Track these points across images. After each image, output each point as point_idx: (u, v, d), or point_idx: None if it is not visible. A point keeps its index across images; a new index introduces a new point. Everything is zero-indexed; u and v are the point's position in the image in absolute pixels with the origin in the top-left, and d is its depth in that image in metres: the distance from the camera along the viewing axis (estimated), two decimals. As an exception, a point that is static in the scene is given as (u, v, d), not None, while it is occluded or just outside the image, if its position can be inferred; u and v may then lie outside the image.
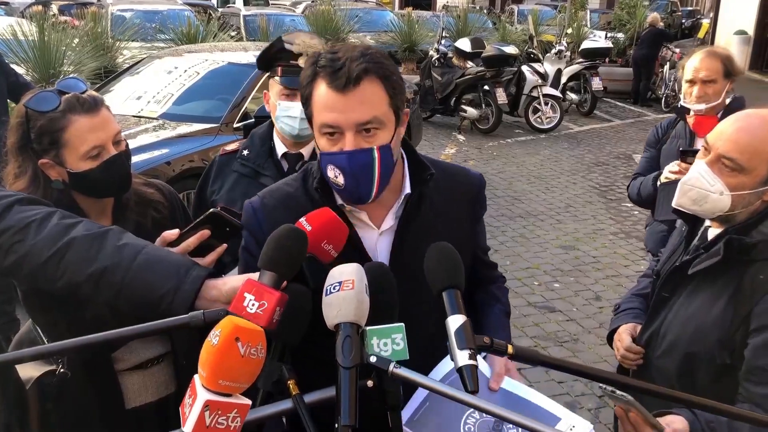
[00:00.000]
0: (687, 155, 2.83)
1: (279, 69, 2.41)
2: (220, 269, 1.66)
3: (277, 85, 2.43)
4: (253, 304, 1.14)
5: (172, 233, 1.66)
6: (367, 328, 1.13)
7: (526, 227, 7.01)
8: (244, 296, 1.16)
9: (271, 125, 2.53)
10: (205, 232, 1.65)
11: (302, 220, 1.33)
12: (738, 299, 1.65)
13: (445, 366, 1.52)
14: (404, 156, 1.65)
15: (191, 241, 1.64)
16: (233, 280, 1.39)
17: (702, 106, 3.11)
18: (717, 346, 1.67)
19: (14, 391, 1.73)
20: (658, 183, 3.11)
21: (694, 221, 1.88)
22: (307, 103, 1.50)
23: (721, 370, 1.68)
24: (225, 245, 1.69)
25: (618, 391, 1.41)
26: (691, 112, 3.20)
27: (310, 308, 1.22)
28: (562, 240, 6.75)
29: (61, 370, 1.73)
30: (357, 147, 1.45)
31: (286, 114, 2.40)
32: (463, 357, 1.11)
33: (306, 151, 2.50)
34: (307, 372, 1.25)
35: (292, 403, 1.15)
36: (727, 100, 3.17)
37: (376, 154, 1.46)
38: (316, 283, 1.29)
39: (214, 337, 0.98)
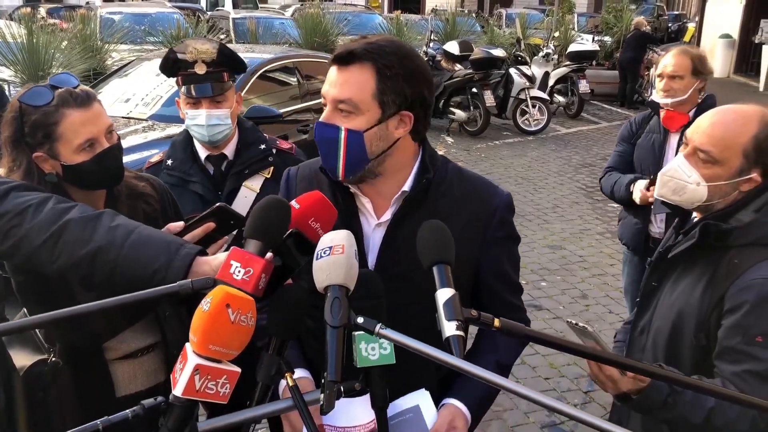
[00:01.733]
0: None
1: (179, 79, 2.40)
2: None
3: (182, 95, 2.42)
4: (239, 271, 1.18)
5: (177, 225, 1.72)
6: (355, 333, 1.16)
7: (514, 227, 7.06)
8: (231, 264, 1.19)
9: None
10: (210, 225, 1.72)
11: (293, 201, 1.38)
12: (714, 283, 1.71)
13: (407, 401, 1.54)
14: (419, 153, 1.69)
15: (197, 233, 1.70)
16: (221, 256, 1.44)
17: (668, 101, 3.23)
18: (695, 328, 1.73)
19: (5, 378, 1.76)
20: (631, 189, 3.25)
21: (684, 214, 1.93)
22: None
23: (700, 353, 1.73)
24: (227, 237, 1.75)
25: (580, 323, 1.48)
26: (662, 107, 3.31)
27: (307, 304, 1.26)
28: (549, 240, 6.82)
29: (53, 359, 1.76)
30: (329, 121, 1.54)
31: (194, 123, 2.39)
32: (450, 327, 1.13)
33: (228, 151, 2.48)
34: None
35: (288, 403, 1.19)
36: (700, 99, 3.28)
37: (342, 134, 1.53)
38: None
39: (205, 303, 1.01)
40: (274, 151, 2.53)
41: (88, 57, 8.23)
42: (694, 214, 1.90)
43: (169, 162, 2.49)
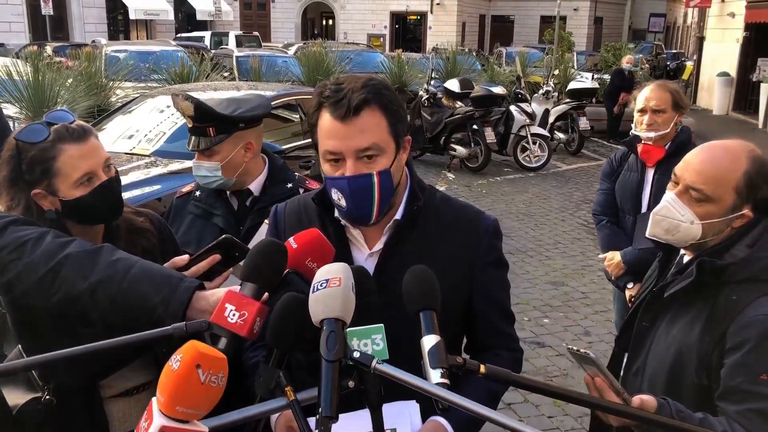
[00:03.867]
0: None
1: None
2: None
3: None
4: (233, 314, 1.18)
5: (182, 259, 1.72)
6: (347, 329, 1.15)
7: (516, 263, 7.04)
8: (225, 307, 1.19)
9: None
10: (216, 257, 1.71)
11: (290, 239, 1.39)
12: (713, 321, 1.68)
13: (394, 407, 1.51)
14: (408, 182, 1.70)
15: (201, 265, 1.70)
16: (220, 292, 1.44)
17: (651, 134, 3.25)
18: (697, 368, 1.70)
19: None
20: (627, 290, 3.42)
21: (669, 250, 1.92)
22: (312, 130, 1.59)
23: (701, 393, 1.70)
24: (230, 270, 1.74)
25: (582, 350, 1.45)
26: (642, 142, 3.33)
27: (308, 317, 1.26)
28: (551, 276, 6.78)
29: (47, 397, 1.74)
30: (357, 172, 1.52)
31: (195, 171, 2.44)
32: (435, 376, 1.13)
33: (254, 187, 2.50)
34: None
35: (283, 401, 1.18)
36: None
37: (375, 179, 1.53)
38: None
39: (174, 362, 0.97)
40: (301, 191, 2.52)
41: (92, 94, 8.29)
42: (683, 251, 1.88)
43: (198, 193, 2.53)
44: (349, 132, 1.51)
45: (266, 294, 1.28)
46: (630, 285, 3.29)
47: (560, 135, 13.27)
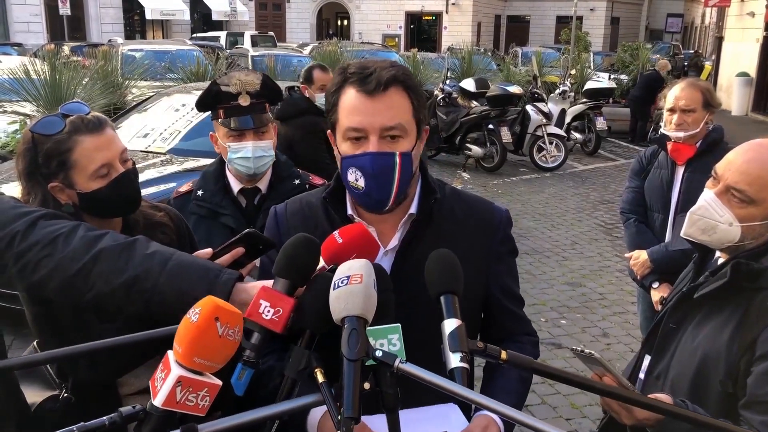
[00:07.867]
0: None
1: (221, 111, 2.35)
2: None
3: (222, 128, 2.37)
4: (268, 311, 1.18)
5: (206, 252, 1.69)
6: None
7: (533, 264, 6.98)
8: (260, 303, 1.19)
9: (222, 162, 2.48)
10: (239, 250, 1.69)
11: (335, 233, 1.35)
12: (744, 326, 1.61)
13: (437, 409, 1.49)
14: (419, 176, 1.67)
15: (225, 259, 1.66)
16: (260, 284, 1.40)
17: (681, 134, 3.18)
18: (723, 374, 1.63)
19: (18, 415, 1.71)
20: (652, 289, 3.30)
21: (705, 251, 1.85)
22: (332, 109, 1.55)
23: (727, 401, 1.63)
24: (255, 262, 1.71)
25: (586, 350, 1.42)
26: (671, 140, 3.26)
27: None
28: (569, 277, 6.71)
29: (65, 395, 1.72)
30: (381, 149, 1.49)
31: (238, 156, 2.35)
32: (455, 359, 1.12)
33: (262, 185, 2.45)
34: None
35: (312, 398, 1.15)
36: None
37: (397, 159, 1.50)
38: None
39: (193, 314, 1.00)
40: (307, 186, 2.48)
41: (108, 92, 8.34)
42: (718, 253, 1.81)
43: (200, 193, 2.45)
44: (376, 108, 1.48)
45: (299, 289, 1.26)
46: (655, 285, 3.21)
47: (577, 135, 13.18)
